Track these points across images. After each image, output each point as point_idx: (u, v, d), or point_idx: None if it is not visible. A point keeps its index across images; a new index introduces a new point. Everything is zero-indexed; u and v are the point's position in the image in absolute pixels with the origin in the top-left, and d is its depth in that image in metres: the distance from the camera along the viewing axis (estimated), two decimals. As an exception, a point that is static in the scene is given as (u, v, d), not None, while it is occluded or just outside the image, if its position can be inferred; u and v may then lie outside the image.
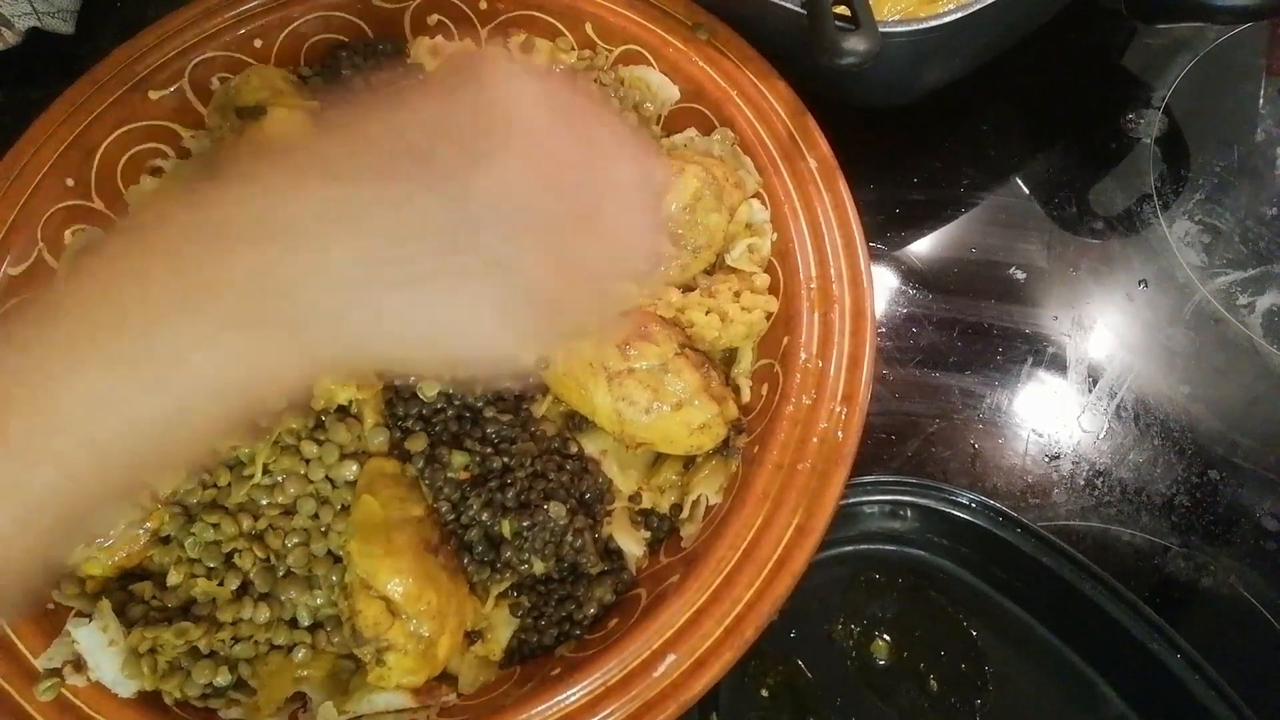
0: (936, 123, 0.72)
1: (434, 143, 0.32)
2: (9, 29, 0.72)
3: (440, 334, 0.33)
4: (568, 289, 0.34)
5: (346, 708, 0.47)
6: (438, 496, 0.49)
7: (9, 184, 0.56)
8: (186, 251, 0.30)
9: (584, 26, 0.62)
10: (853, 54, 0.47)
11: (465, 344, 0.33)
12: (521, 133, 0.32)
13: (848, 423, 0.48)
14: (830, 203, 0.53)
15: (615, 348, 0.48)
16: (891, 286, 0.67)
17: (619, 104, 0.60)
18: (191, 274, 0.30)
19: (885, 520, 0.56)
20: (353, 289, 0.31)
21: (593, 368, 0.49)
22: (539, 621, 0.49)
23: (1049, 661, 0.54)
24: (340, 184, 0.31)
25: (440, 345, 0.33)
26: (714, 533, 0.47)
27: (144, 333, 0.30)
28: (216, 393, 0.31)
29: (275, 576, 0.48)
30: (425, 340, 0.33)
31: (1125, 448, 0.61)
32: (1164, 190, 0.69)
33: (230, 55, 0.62)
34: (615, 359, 0.48)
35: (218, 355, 0.30)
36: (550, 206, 0.33)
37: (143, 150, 0.60)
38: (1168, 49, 0.73)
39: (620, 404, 0.48)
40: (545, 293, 0.33)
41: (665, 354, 0.48)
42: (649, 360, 0.48)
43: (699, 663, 0.43)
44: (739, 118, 0.56)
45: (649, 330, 0.49)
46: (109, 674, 0.46)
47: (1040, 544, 0.53)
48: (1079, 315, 0.65)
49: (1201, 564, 0.58)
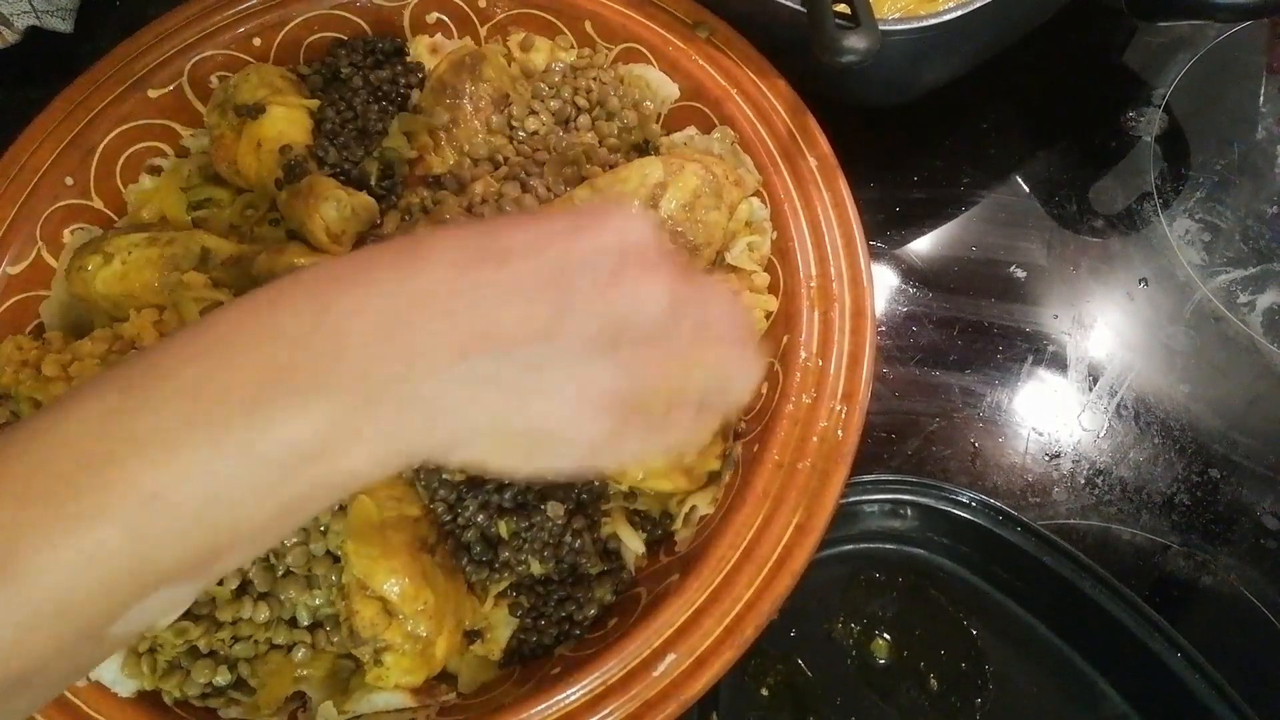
0: (936, 121, 0.72)
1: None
2: (8, 27, 0.72)
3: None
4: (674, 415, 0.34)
5: (346, 707, 0.47)
6: (434, 498, 0.49)
7: (8, 182, 0.56)
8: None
9: (583, 24, 0.62)
10: (853, 52, 0.47)
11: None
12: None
13: (848, 421, 0.48)
14: (830, 201, 0.53)
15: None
16: (891, 285, 0.66)
17: (618, 103, 0.60)
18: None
19: (885, 519, 0.56)
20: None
21: None
22: (538, 621, 0.49)
23: (1049, 661, 0.54)
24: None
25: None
26: (714, 532, 0.47)
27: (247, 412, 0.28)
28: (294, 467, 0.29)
29: (274, 576, 0.48)
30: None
31: (1125, 446, 0.61)
32: (1164, 188, 0.68)
33: (229, 53, 0.62)
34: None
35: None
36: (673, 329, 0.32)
37: (142, 149, 0.60)
38: (1168, 47, 0.73)
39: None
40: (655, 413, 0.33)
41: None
42: None
43: (699, 662, 0.43)
44: (739, 116, 0.56)
45: None
46: (108, 673, 0.46)
47: (1040, 543, 0.53)
48: (1079, 314, 0.65)
49: (1202, 562, 0.57)
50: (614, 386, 0.31)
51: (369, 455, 0.29)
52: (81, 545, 0.26)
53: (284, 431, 0.28)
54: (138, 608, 0.28)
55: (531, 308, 0.30)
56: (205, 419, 0.27)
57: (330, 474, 0.29)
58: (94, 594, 0.27)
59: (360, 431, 0.29)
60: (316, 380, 0.28)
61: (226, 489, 0.28)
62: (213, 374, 0.28)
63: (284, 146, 0.57)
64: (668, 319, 0.31)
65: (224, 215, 0.59)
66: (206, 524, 0.28)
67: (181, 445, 0.27)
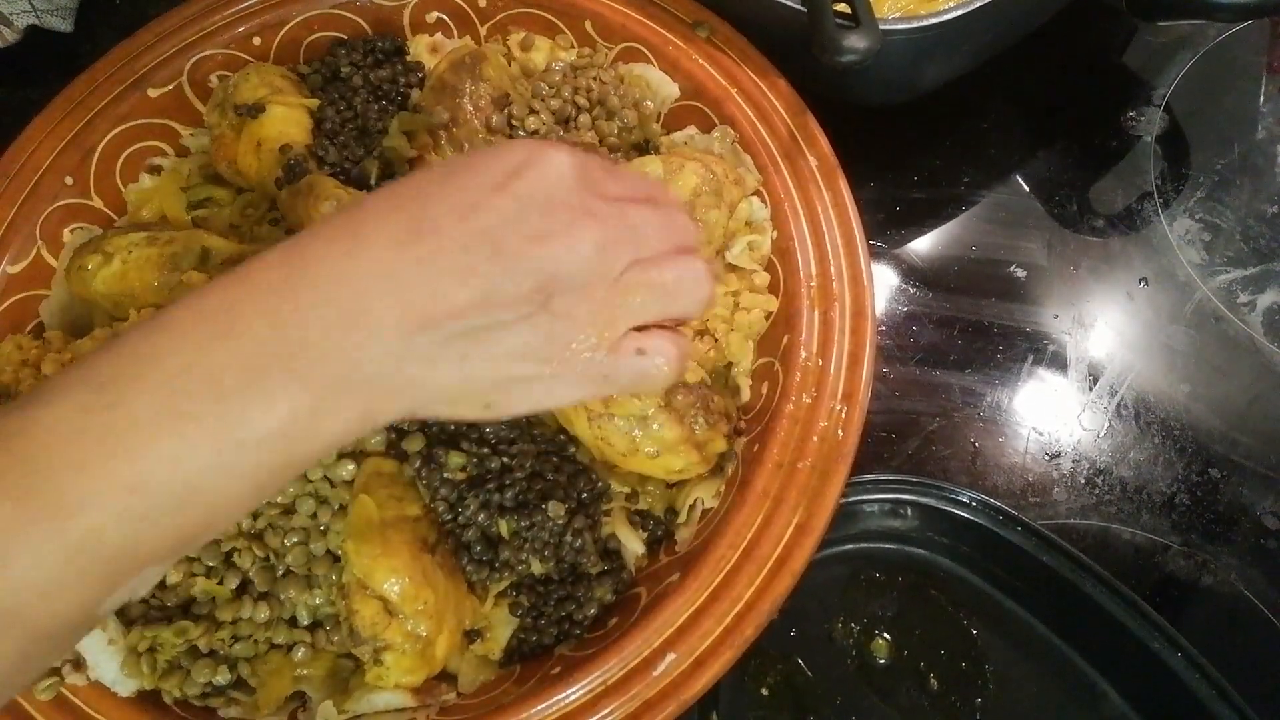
0: (936, 121, 0.72)
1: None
2: (8, 27, 0.72)
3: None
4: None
5: (346, 707, 0.47)
6: (434, 497, 0.49)
7: (8, 182, 0.56)
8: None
9: (583, 24, 0.62)
10: (853, 52, 0.47)
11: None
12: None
13: (848, 421, 0.48)
14: (830, 201, 0.53)
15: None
16: (892, 285, 0.66)
17: (619, 102, 0.60)
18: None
19: (885, 519, 0.56)
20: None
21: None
22: (538, 621, 0.49)
23: (1049, 661, 0.54)
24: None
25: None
26: (714, 532, 0.47)
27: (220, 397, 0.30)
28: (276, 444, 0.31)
29: (274, 575, 0.48)
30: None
31: (1125, 446, 0.61)
32: (1165, 188, 0.68)
33: (229, 53, 0.62)
34: (596, 402, 0.47)
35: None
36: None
37: (141, 148, 0.60)
38: (1168, 47, 0.73)
39: (599, 441, 0.49)
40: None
41: (646, 408, 0.47)
42: (629, 413, 0.47)
43: (699, 662, 0.43)
44: (739, 116, 0.56)
45: None
46: (108, 673, 0.46)
47: (1040, 542, 0.53)
48: (1079, 313, 0.65)
49: (1202, 562, 0.57)
50: (548, 338, 0.34)
51: (337, 432, 0.32)
52: (68, 537, 0.28)
53: (256, 420, 0.30)
54: (124, 588, 0.30)
55: (468, 280, 0.32)
56: (178, 412, 0.29)
57: (303, 453, 0.31)
58: (84, 576, 0.29)
59: (328, 413, 0.31)
60: (284, 371, 0.30)
61: (203, 477, 0.29)
62: (185, 369, 0.30)
63: (284, 146, 0.57)
64: (597, 259, 0.34)
65: (224, 215, 0.59)
66: (186, 509, 0.30)
67: (158, 438, 0.29)
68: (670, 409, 0.48)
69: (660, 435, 0.47)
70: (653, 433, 0.47)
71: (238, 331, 0.30)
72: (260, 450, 0.30)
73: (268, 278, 0.32)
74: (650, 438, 0.48)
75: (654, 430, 0.47)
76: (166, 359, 0.30)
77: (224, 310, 0.31)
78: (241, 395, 0.30)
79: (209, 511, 0.30)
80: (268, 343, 0.30)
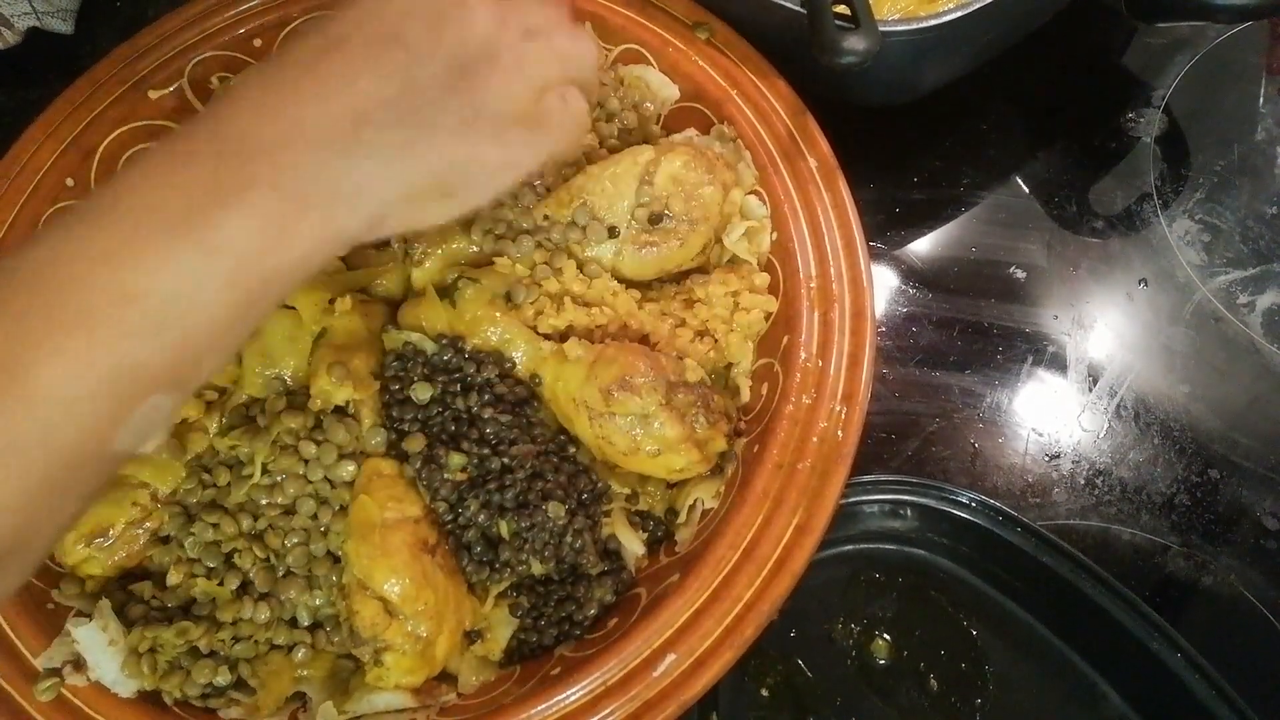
0: (936, 122, 0.72)
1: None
2: (8, 29, 0.72)
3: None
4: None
5: (346, 707, 0.47)
6: (435, 497, 0.49)
7: (8, 183, 0.56)
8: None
9: (583, 26, 0.62)
10: (852, 53, 0.47)
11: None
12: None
13: (848, 422, 0.48)
14: (830, 202, 0.53)
15: (599, 390, 0.47)
16: (891, 286, 0.66)
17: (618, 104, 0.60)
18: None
19: (885, 519, 0.56)
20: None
21: (575, 403, 0.49)
22: (538, 621, 0.49)
23: (1049, 661, 0.54)
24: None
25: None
26: (714, 532, 0.47)
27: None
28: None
29: (275, 576, 0.48)
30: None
31: (1125, 447, 0.61)
32: (1164, 189, 0.69)
33: (229, 54, 0.62)
34: (597, 402, 0.48)
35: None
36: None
37: (142, 150, 0.60)
38: (1167, 48, 0.73)
39: (600, 440, 0.49)
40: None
41: (647, 406, 0.47)
42: (630, 412, 0.48)
43: (699, 662, 0.43)
44: (739, 117, 0.56)
45: (633, 382, 0.47)
46: (109, 673, 0.46)
47: (1040, 543, 0.53)
48: (1079, 314, 0.65)
49: (1202, 563, 0.58)
50: (478, 109, 0.37)
51: (307, 245, 0.34)
52: (77, 349, 0.30)
53: (229, 229, 0.32)
54: (135, 416, 0.32)
55: (383, 72, 0.35)
56: (160, 229, 0.32)
57: (276, 267, 0.34)
58: (96, 396, 0.31)
59: (291, 224, 0.34)
60: (244, 186, 0.33)
61: (187, 285, 0.32)
62: (160, 196, 0.33)
63: (284, 147, 0.57)
64: (496, 33, 0.37)
65: (224, 216, 0.59)
66: (174, 320, 0.32)
67: (145, 251, 0.32)
68: (671, 407, 0.48)
69: (661, 434, 0.48)
70: (654, 431, 0.48)
71: (198, 160, 0.33)
72: (238, 259, 0.33)
73: (216, 118, 0.35)
74: (651, 436, 0.48)
75: (655, 429, 0.48)
76: (138, 191, 0.33)
77: (181, 146, 0.34)
78: (214, 210, 0.32)
79: (196, 329, 0.33)
80: (223, 165, 0.33)
